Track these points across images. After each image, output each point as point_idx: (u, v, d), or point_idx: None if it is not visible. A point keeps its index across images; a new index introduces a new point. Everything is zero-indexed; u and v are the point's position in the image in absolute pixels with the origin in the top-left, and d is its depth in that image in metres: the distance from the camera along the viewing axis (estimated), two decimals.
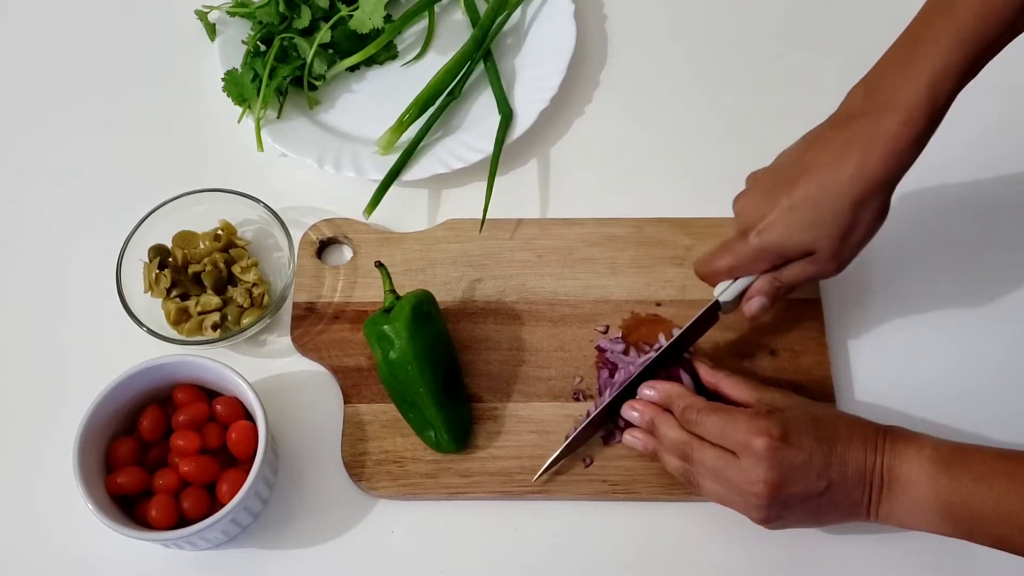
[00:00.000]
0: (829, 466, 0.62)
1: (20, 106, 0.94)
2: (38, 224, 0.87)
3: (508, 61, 0.94)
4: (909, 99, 0.62)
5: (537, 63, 0.92)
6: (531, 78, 0.91)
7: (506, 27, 0.94)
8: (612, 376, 0.75)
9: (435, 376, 0.72)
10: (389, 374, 0.72)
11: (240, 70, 0.88)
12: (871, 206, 0.64)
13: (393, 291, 0.75)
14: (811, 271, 0.67)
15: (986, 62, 0.63)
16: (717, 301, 0.71)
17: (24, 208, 0.88)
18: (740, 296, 0.71)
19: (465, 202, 0.85)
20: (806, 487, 0.62)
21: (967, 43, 0.61)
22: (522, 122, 0.87)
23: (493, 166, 0.84)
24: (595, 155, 0.89)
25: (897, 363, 0.78)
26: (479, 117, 0.90)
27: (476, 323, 0.79)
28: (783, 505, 0.63)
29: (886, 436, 0.63)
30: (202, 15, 0.92)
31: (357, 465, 0.73)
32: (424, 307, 0.73)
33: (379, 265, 0.76)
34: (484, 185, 0.83)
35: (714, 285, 0.72)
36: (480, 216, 0.82)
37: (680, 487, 0.71)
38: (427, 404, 0.72)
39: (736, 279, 0.70)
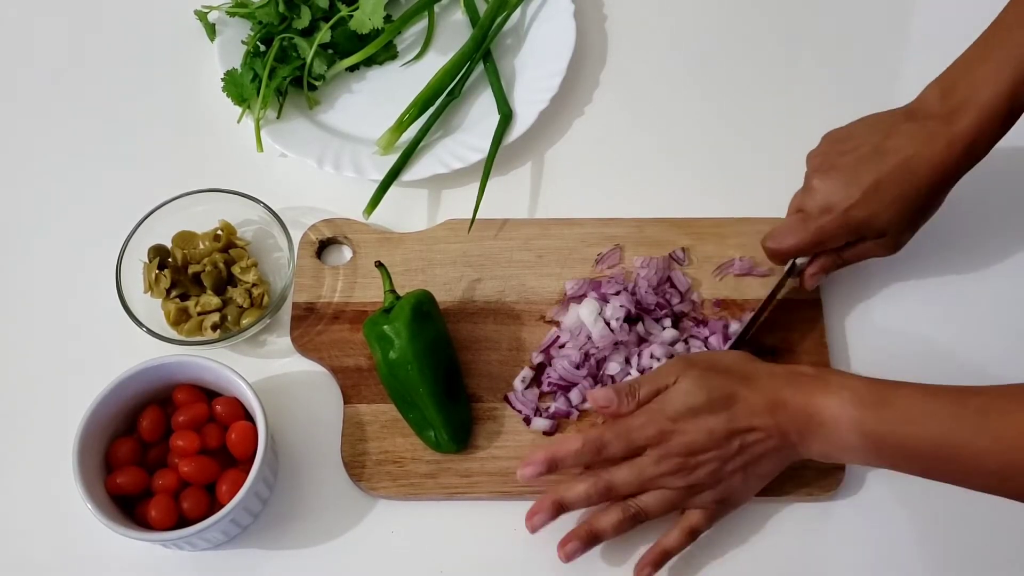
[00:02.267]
0: (735, 399, 0.65)
1: (19, 106, 0.94)
2: (38, 224, 0.87)
3: (508, 61, 0.94)
4: (987, 100, 0.65)
5: (537, 63, 0.92)
6: (531, 78, 0.91)
7: (506, 27, 0.94)
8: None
9: (435, 376, 0.72)
10: (389, 374, 0.72)
11: (240, 70, 0.88)
12: (941, 195, 0.70)
13: (393, 291, 0.75)
14: (876, 250, 0.72)
15: None
16: (794, 264, 0.74)
17: (24, 208, 0.88)
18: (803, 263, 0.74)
19: (465, 202, 0.85)
20: (727, 421, 0.64)
21: None
22: (522, 122, 0.87)
23: (488, 166, 0.84)
24: (595, 155, 0.89)
25: (897, 363, 0.78)
26: (479, 117, 0.90)
27: (476, 323, 0.79)
28: (729, 455, 0.65)
29: (801, 376, 0.65)
30: (202, 15, 0.92)
31: (357, 465, 0.73)
32: (424, 307, 0.73)
33: (379, 265, 0.76)
34: None
35: (785, 262, 0.74)
36: (481, 216, 0.82)
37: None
38: (427, 404, 0.72)
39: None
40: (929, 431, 0.59)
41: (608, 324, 0.75)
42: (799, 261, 0.74)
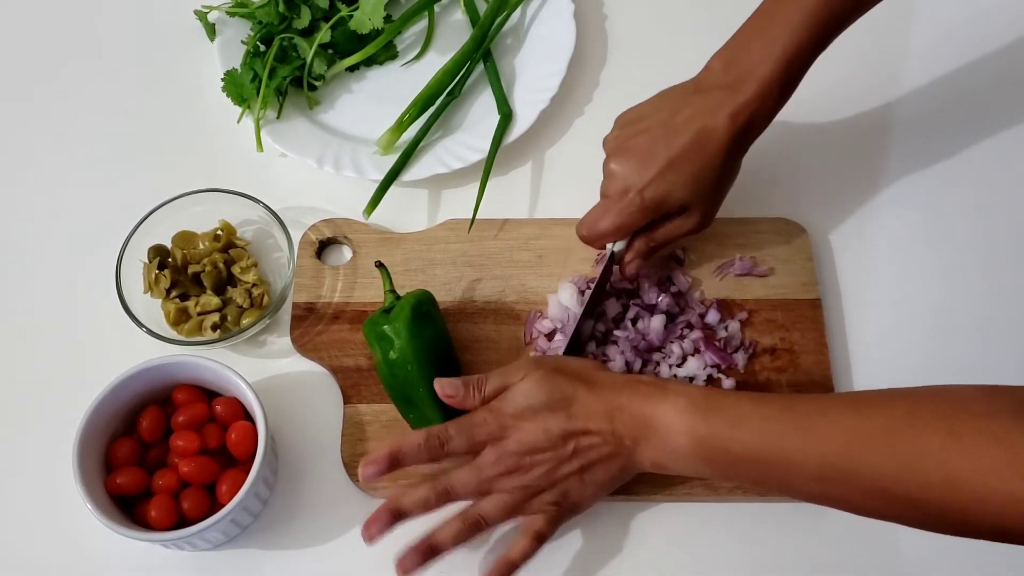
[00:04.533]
0: (574, 400, 0.64)
1: (19, 106, 0.94)
2: (38, 224, 0.87)
3: (508, 61, 0.94)
4: (764, 74, 0.68)
5: (537, 63, 0.92)
6: (531, 78, 0.91)
7: (506, 27, 0.94)
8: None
9: (435, 376, 0.72)
10: (389, 374, 0.72)
11: (240, 70, 0.88)
12: (734, 163, 0.72)
13: (393, 291, 0.75)
14: (685, 227, 0.72)
15: (834, 37, 0.70)
16: (613, 253, 0.74)
17: (24, 208, 0.88)
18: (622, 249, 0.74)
19: (465, 202, 0.85)
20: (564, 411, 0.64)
21: (817, 22, 0.68)
22: (522, 122, 0.87)
23: (488, 166, 0.84)
24: (595, 155, 0.88)
25: (898, 363, 0.78)
26: (479, 117, 0.90)
27: (476, 323, 0.79)
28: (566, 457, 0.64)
29: (640, 383, 0.65)
30: (202, 15, 0.92)
31: (357, 465, 0.73)
32: (424, 307, 0.73)
33: (379, 265, 0.76)
34: None
35: (600, 247, 0.75)
36: (481, 216, 0.82)
37: (673, 488, 0.71)
38: (427, 404, 0.72)
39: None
40: (755, 435, 0.59)
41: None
42: (616, 249, 0.74)
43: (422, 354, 0.72)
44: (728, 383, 0.75)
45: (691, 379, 0.76)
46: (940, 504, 0.53)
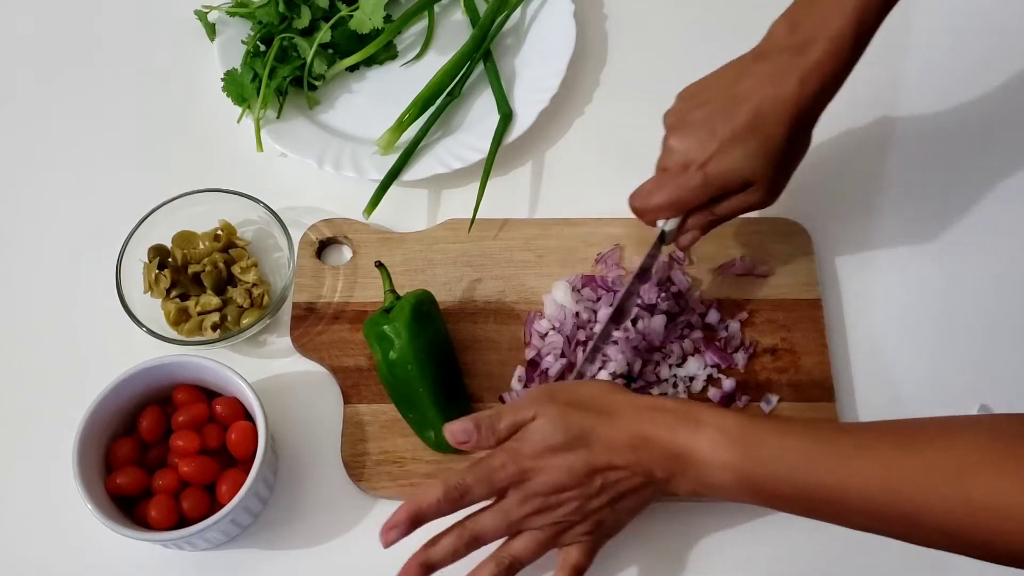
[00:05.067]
0: (593, 436, 0.61)
1: (19, 106, 0.94)
2: (38, 224, 0.87)
3: (508, 61, 0.94)
4: (835, 31, 0.63)
5: (537, 63, 0.92)
6: (531, 78, 0.91)
7: (506, 27, 0.94)
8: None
9: (435, 376, 0.72)
10: (389, 374, 0.72)
11: (240, 70, 0.88)
12: (804, 135, 0.67)
13: (393, 291, 0.75)
14: (748, 202, 0.68)
15: None
16: (663, 232, 0.70)
17: (24, 208, 0.88)
18: (678, 226, 0.71)
19: (465, 202, 0.85)
20: (585, 462, 0.61)
21: None
22: (522, 122, 0.87)
23: (488, 166, 0.84)
24: (595, 155, 0.89)
25: (898, 363, 0.78)
26: (479, 117, 0.90)
27: (476, 323, 0.79)
28: (597, 495, 0.62)
29: (665, 411, 0.62)
30: (202, 15, 0.92)
31: (357, 465, 0.73)
32: (424, 307, 0.73)
33: (379, 265, 0.76)
34: None
35: (652, 222, 0.71)
36: (481, 216, 0.82)
37: None
38: (427, 404, 0.72)
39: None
40: (801, 471, 0.57)
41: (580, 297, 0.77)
42: (667, 228, 0.70)
43: (422, 354, 0.72)
44: (728, 383, 0.75)
45: (691, 379, 0.76)
46: (1017, 546, 0.51)
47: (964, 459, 0.52)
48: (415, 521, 0.62)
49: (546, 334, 0.77)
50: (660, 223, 0.70)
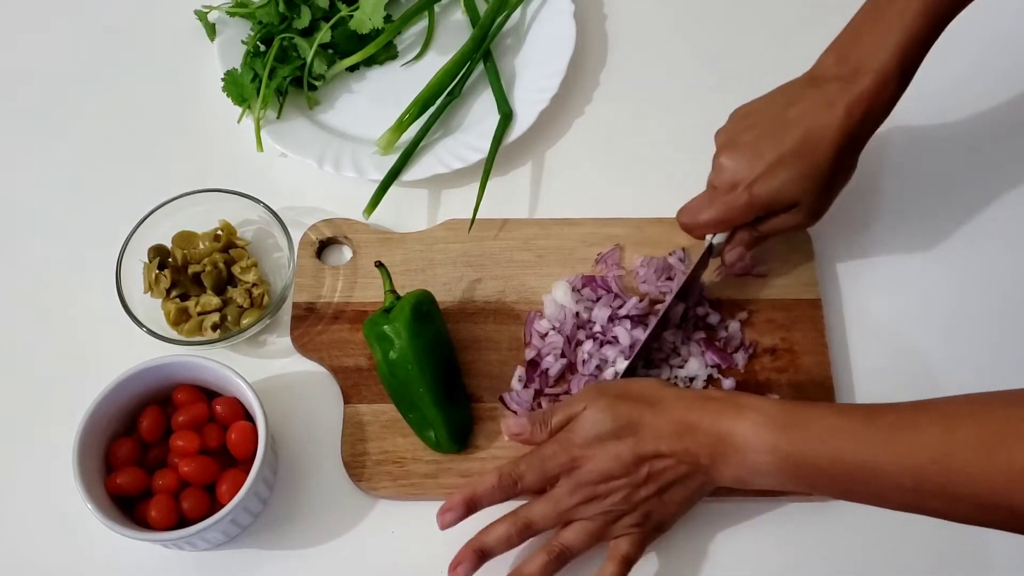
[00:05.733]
0: (641, 425, 0.64)
1: (19, 106, 0.94)
2: (38, 224, 0.87)
3: (508, 61, 0.94)
4: (882, 64, 0.67)
5: (537, 63, 0.92)
6: (531, 78, 0.91)
7: (506, 27, 0.94)
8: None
9: (435, 376, 0.72)
10: (389, 374, 0.72)
11: (240, 70, 0.88)
12: (849, 161, 0.70)
13: (393, 291, 0.75)
14: (792, 222, 0.71)
15: (948, 24, 0.69)
16: (711, 245, 0.74)
17: (24, 208, 0.88)
18: (724, 241, 0.74)
19: (465, 202, 0.85)
20: (634, 450, 0.63)
21: (932, 10, 0.66)
22: (522, 122, 0.87)
23: (488, 165, 0.84)
24: (595, 155, 0.89)
25: (898, 363, 0.78)
26: (479, 117, 0.90)
27: (476, 323, 0.79)
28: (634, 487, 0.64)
29: (710, 399, 0.64)
30: (202, 15, 0.92)
31: (357, 465, 0.73)
32: (424, 307, 0.73)
33: (379, 265, 0.76)
34: None
35: (700, 237, 0.74)
36: (481, 216, 0.82)
37: None
38: (427, 404, 0.72)
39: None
40: (843, 451, 0.58)
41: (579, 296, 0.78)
42: (715, 241, 0.73)
43: (422, 354, 0.72)
44: (728, 383, 0.75)
45: (691, 380, 0.76)
46: None
47: (997, 430, 0.53)
48: (471, 506, 0.65)
49: (546, 334, 0.77)
50: (708, 236, 0.74)
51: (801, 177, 0.68)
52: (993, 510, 0.53)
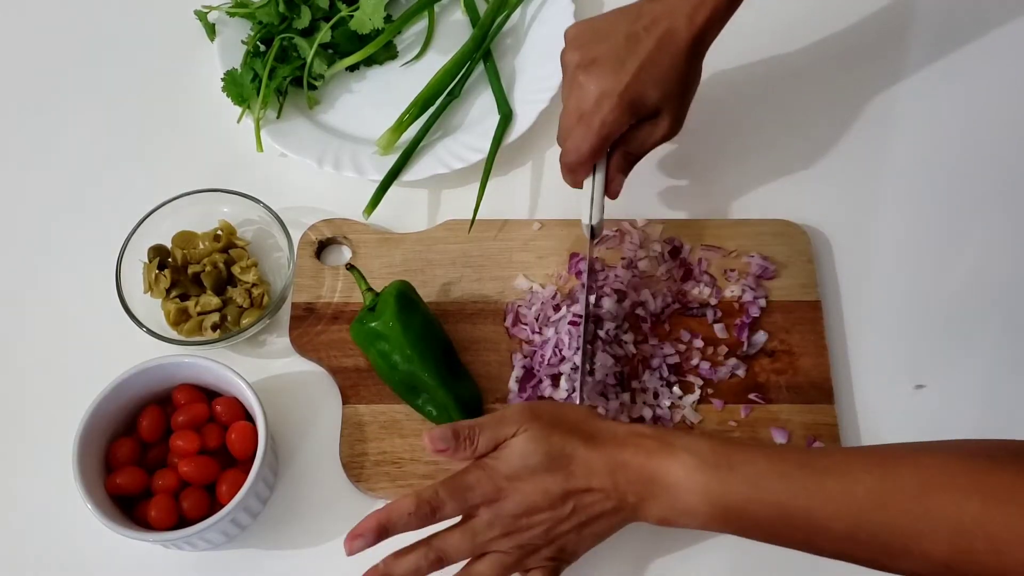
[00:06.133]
0: (574, 458, 0.61)
1: (19, 107, 0.94)
2: (38, 224, 0.87)
3: (508, 61, 0.94)
4: None
5: (537, 63, 0.92)
6: (531, 78, 0.91)
7: (506, 27, 0.94)
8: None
9: (434, 358, 0.73)
10: (388, 368, 0.73)
11: (240, 70, 0.88)
12: (696, 64, 0.74)
13: (371, 289, 0.75)
14: (659, 134, 0.74)
15: None
16: (592, 227, 0.74)
17: (24, 208, 0.88)
18: (602, 218, 0.75)
19: (465, 202, 0.85)
20: (558, 485, 0.61)
21: None
22: (522, 122, 0.87)
23: (488, 166, 0.84)
24: None
25: (897, 366, 0.78)
26: (479, 117, 0.90)
27: (476, 324, 0.79)
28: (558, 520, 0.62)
29: (642, 436, 0.62)
30: (202, 15, 0.92)
31: (356, 466, 0.73)
32: (407, 295, 0.74)
33: (351, 268, 0.76)
34: None
35: (586, 170, 0.74)
36: (481, 216, 0.82)
37: None
38: (434, 387, 0.72)
39: (592, 199, 0.74)
40: (775, 494, 0.57)
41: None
42: (594, 223, 0.74)
43: (418, 340, 0.72)
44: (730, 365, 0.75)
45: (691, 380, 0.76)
46: (981, 567, 0.51)
47: (929, 479, 0.53)
48: (382, 532, 0.61)
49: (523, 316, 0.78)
50: (584, 220, 0.74)
51: (662, 81, 0.71)
52: (924, 559, 0.53)
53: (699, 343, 0.77)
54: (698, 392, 0.75)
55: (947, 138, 0.89)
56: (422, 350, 0.72)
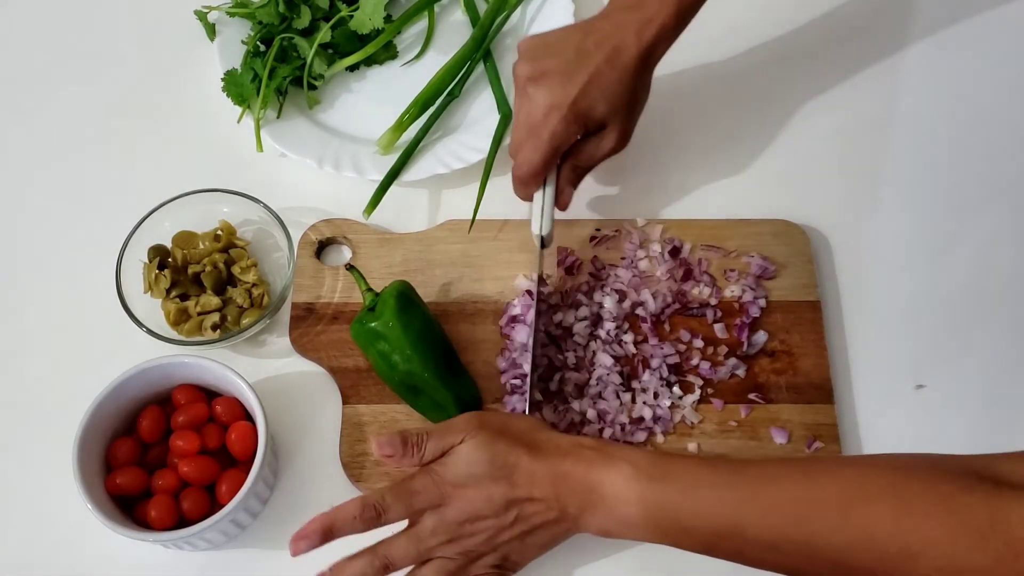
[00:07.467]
0: (518, 468, 0.63)
1: (19, 106, 0.94)
2: (38, 224, 0.87)
3: (508, 61, 0.93)
4: None
5: None
6: None
7: (506, 27, 0.94)
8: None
9: (435, 358, 0.73)
10: (388, 368, 0.73)
11: (240, 70, 0.88)
12: (645, 79, 0.76)
13: (370, 289, 0.75)
14: (607, 147, 0.76)
15: None
16: (542, 237, 0.76)
17: (24, 209, 0.88)
18: (552, 229, 0.76)
19: (465, 202, 0.85)
20: (503, 494, 0.62)
21: None
22: None
23: (488, 166, 0.84)
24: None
25: (897, 366, 0.78)
26: (479, 117, 0.90)
27: (476, 324, 0.79)
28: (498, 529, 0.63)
29: (583, 448, 0.63)
30: (202, 15, 0.92)
31: (356, 466, 0.73)
32: (406, 295, 0.74)
33: (350, 268, 0.76)
34: None
35: (537, 182, 0.75)
36: (481, 216, 0.82)
37: None
38: (435, 387, 0.72)
39: (543, 210, 0.75)
40: (706, 504, 0.58)
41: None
42: (544, 233, 0.75)
43: (418, 340, 0.72)
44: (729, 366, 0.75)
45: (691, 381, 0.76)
46: (903, 574, 0.52)
47: (854, 490, 0.54)
48: (327, 535, 0.62)
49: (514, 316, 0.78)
50: (535, 231, 0.75)
51: (610, 95, 0.72)
52: (850, 570, 0.54)
53: (699, 343, 0.77)
54: (698, 392, 0.75)
55: (947, 138, 0.89)
56: (422, 350, 0.72)
